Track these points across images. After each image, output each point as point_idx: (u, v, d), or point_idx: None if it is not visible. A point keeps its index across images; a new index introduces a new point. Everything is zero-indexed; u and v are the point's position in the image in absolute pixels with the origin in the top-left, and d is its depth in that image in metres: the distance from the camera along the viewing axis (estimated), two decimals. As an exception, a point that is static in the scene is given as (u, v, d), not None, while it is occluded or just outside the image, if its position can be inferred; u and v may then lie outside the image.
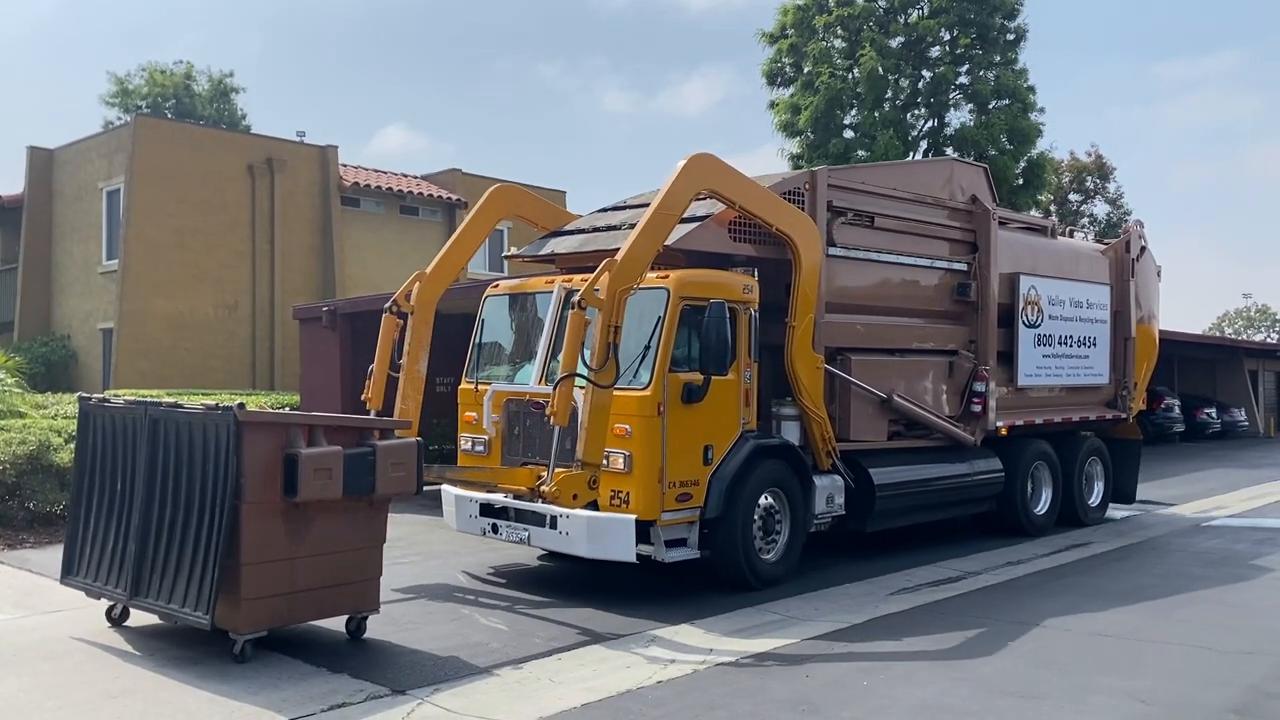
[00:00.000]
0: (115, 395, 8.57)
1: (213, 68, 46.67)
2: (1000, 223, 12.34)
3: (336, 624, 7.87)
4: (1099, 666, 7.22)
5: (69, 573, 7.73)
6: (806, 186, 10.06)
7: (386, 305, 10.09)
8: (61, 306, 25.60)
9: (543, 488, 8.16)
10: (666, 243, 8.77)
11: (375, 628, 7.79)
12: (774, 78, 28.95)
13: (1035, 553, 11.66)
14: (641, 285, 8.46)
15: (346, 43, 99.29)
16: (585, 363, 8.07)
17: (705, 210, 9.44)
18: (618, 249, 8.42)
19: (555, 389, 8.13)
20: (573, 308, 8.19)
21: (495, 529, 9.13)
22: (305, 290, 25.05)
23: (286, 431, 6.84)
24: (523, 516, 8.89)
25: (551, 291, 9.41)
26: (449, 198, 27.23)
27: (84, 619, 8.01)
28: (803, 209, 9.87)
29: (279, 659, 7.00)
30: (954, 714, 6.22)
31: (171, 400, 7.41)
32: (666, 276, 8.85)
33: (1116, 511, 14.81)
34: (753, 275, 9.45)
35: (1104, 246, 14.67)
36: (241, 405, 6.72)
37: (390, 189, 27.32)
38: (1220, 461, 25.29)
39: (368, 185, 26.88)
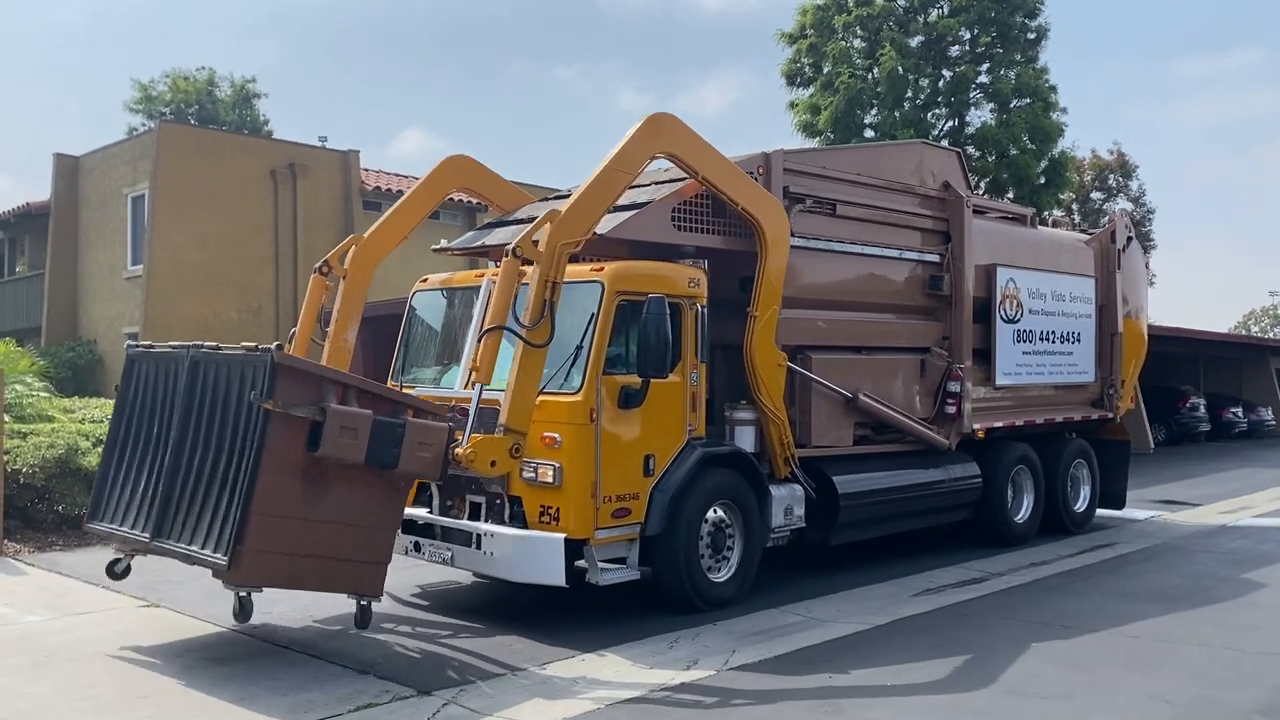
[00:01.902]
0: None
1: (235, 74, 47.11)
2: (976, 211, 11.64)
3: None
4: (1124, 667, 7.19)
5: (94, 518, 7.66)
6: (760, 170, 9.26)
7: (316, 266, 9.42)
8: (88, 311, 25.88)
9: (457, 450, 7.33)
10: (602, 231, 8.10)
11: (396, 627, 7.87)
12: (793, 78, 28.88)
13: (1059, 553, 11.59)
14: (573, 279, 7.90)
15: (365, 48, 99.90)
16: (517, 318, 7.48)
17: (647, 196, 8.77)
18: None
19: (480, 341, 7.60)
20: (507, 255, 7.61)
21: (418, 547, 8.48)
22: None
23: (320, 385, 6.71)
24: (448, 535, 8.27)
25: (481, 286, 8.67)
26: (469, 201, 27.33)
27: (113, 621, 8.12)
28: None
29: (304, 660, 7.07)
30: (978, 715, 6.22)
31: (214, 344, 7.27)
32: (601, 269, 8.18)
33: (1138, 512, 14.68)
34: (702, 267, 8.77)
35: (1088, 237, 14.07)
36: (280, 347, 6.62)
37: (411, 193, 27.46)
38: (1246, 461, 25.04)
39: (389, 189, 27.05)
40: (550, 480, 7.81)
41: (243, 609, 6.89)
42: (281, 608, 8.51)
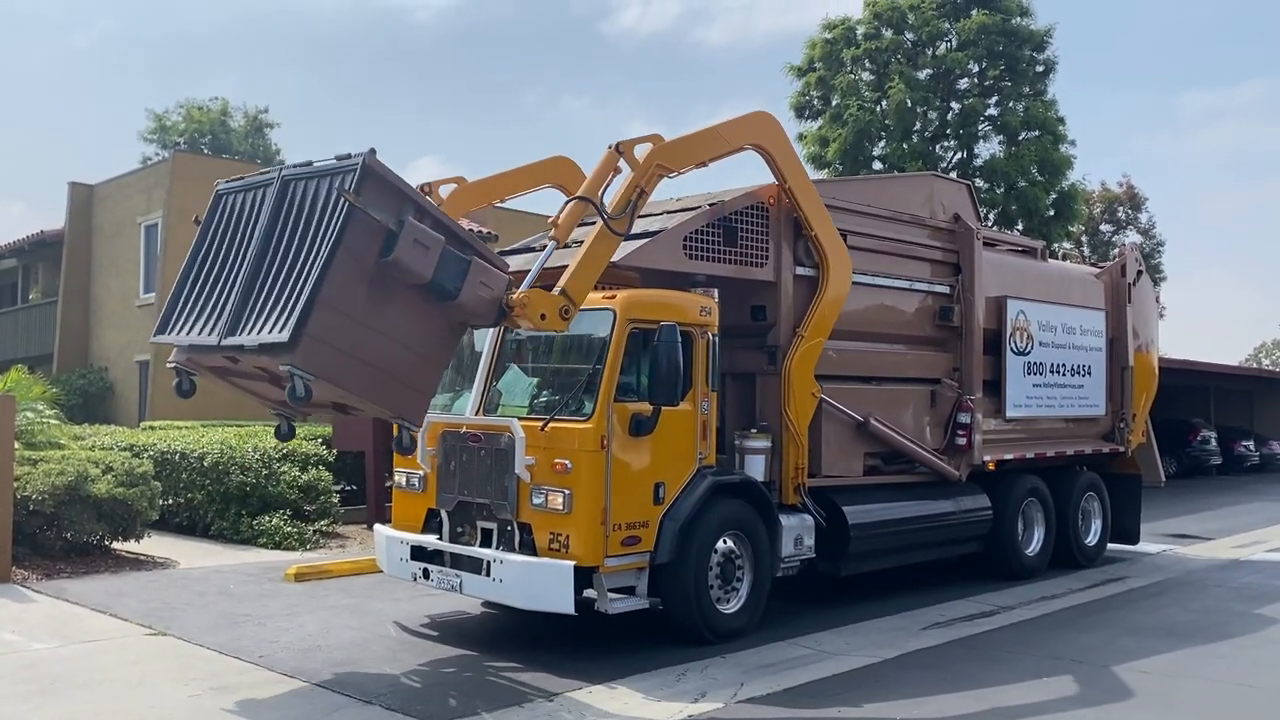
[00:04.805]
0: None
1: (248, 104, 47.58)
2: (986, 243, 11.80)
3: (370, 654, 7.94)
4: (1136, 703, 7.12)
5: (162, 332, 7.59)
6: (771, 201, 9.42)
7: (420, 184, 9.52)
8: (99, 339, 26.02)
9: (512, 295, 7.36)
10: (614, 260, 8.21)
11: (404, 657, 7.84)
12: (802, 110, 29.06)
13: (1070, 587, 11.52)
14: (585, 306, 7.97)
15: (377, 77, 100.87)
16: (603, 207, 8.00)
17: (659, 225, 8.95)
18: (565, 266, 7.94)
19: (567, 204, 8.22)
20: (610, 148, 8.37)
21: (426, 574, 8.47)
22: (338, 323, 25.27)
23: (403, 200, 6.89)
24: (457, 562, 8.28)
25: None
26: (482, 231, 27.49)
27: (120, 649, 8.12)
28: (766, 225, 9.36)
29: (310, 690, 7.05)
30: (988, 750, 6.16)
31: (308, 160, 7.32)
32: (613, 296, 8.23)
33: (1150, 546, 14.59)
34: (713, 296, 8.83)
35: (1098, 270, 14.14)
36: (373, 151, 6.75)
37: (422, 222, 27.55)
38: (1259, 495, 24.89)
39: (400, 219, 27.16)
40: (560, 507, 7.81)
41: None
42: (289, 637, 8.51)
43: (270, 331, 6.62)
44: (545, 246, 8.09)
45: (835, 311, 9.51)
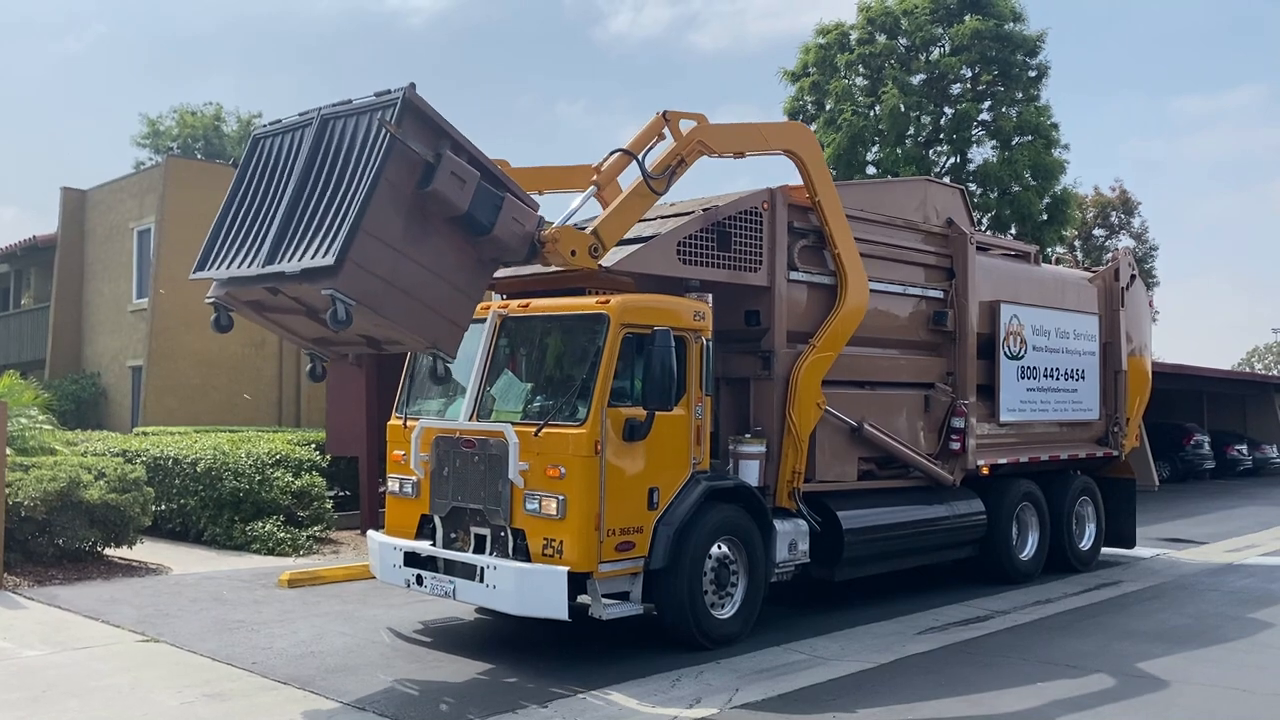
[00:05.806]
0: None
1: (241, 108, 47.56)
2: (979, 248, 11.85)
3: (363, 660, 7.91)
4: (1131, 708, 7.12)
5: (201, 268, 7.73)
6: (765, 206, 9.43)
7: None
8: (92, 344, 25.93)
9: (544, 232, 7.62)
10: (608, 264, 8.30)
11: (397, 663, 7.81)
12: (796, 115, 29.07)
13: (1064, 591, 11.53)
14: (579, 310, 8.20)
15: (371, 82, 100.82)
16: (642, 164, 8.55)
17: (653, 230, 8.94)
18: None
19: (611, 154, 9.03)
20: (659, 113, 8.89)
21: (420, 581, 8.45)
22: (331, 328, 25.20)
23: (441, 135, 7.05)
24: (451, 568, 8.27)
25: (485, 319, 8.67)
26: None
27: (112, 655, 8.08)
28: (760, 230, 9.36)
29: (303, 696, 7.03)
30: (984, 756, 6.15)
31: (347, 99, 7.46)
32: (606, 301, 8.23)
33: (1144, 550, 14.60)
34: (707, 301, 8.83)
35: (1091, 274, 14.16)
36: (413, 86, 6.88)
37: (416, 227, 27.53)
38: (1252, 499, 24.94)
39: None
40: (554, 513, 7.79)
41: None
42: (282, 643, 8.48)
43: (314, 257, 6.72)
44: (589, 189, 8.88)
45: (853, 325, 9.63)
